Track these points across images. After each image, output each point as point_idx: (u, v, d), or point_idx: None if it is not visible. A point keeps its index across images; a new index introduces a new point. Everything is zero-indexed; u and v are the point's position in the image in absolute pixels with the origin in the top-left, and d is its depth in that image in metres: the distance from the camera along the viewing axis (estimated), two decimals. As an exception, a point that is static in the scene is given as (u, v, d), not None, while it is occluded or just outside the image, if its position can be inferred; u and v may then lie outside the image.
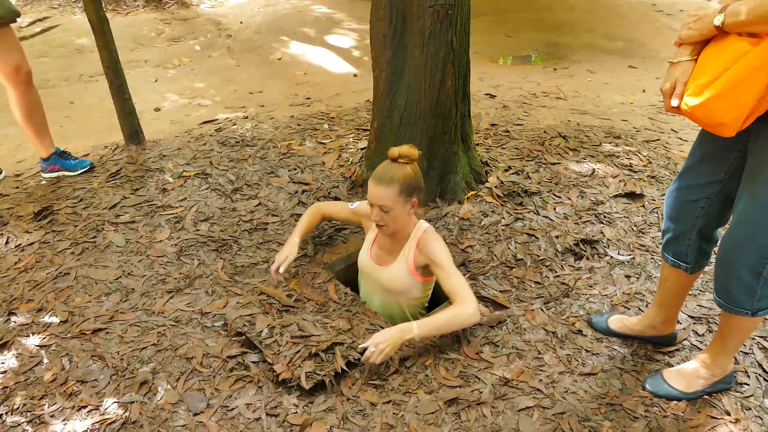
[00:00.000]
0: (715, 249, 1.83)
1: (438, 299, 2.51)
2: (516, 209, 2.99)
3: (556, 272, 2.59)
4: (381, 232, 2.33)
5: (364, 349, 2.03)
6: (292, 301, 2.35)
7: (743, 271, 1.67)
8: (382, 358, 2.01)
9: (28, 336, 2.25)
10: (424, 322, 2.10)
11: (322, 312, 2.31)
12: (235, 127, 4.06)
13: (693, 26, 1.55)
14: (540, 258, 2.66)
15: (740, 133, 1.54)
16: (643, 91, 4.98)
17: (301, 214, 2.97)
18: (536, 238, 2.78)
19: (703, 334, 2.23)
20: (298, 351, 2.07)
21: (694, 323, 2.29)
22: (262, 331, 2.17)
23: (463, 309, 2.10)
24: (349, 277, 2.73)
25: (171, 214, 2.98)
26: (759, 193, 1.59)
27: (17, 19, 2.98)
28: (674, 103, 1.55)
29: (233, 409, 1.96)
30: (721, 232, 1.89)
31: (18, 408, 1.96)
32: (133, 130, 3.64)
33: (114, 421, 1.91)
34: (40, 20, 6.79)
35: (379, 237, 2.45)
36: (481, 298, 2.45)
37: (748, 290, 1.69)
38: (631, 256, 2.65)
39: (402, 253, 2.34)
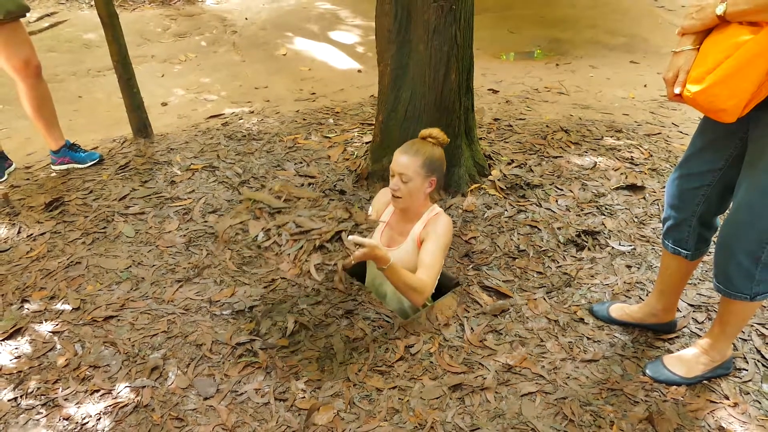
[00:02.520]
0: (715, 236, 1.87)
1: (443, 291, 2.55)
2: (519, 201, 3.03)
3: (558, 263, 2.63)
4: (395, 204, 2.37)
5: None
6: (281, 202, 2.15)
7: (742, 257, 1.71)
8: (352, 261, 1.97)
9: (41, 323, 2.30)
10: (398, 266, 2.08)
11: (316, 206, 2.14)
12: (241, 121, 4.10)
13: (695, 16, 1.59)
14: (542, 249, 2.70)
15: (740, 120, 1.58)
16: (645, 85, 5.01)
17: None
18: (539, 229, 2.82)
19: (702, 322, 2.27)
20: (302, 246, 1.93)
21: (693, 311, 2.33)
22: (257, 235, 2.01)
23: (423, 288, 2.14)
24: (355, 268, 2.76)
25: (179, 205, 3.03)
26: (759, 180, 1.63)
27: (26, 14, 3.03)
28: (677, 90, 1.59)
29: (242, 393, 2.00)
30: (721, 219, 1.93)
31: (32, 392, 2.01)
32: (141, 124, 3.69)
33: (126, 405, 1.96)
34: (48, 15, 6.84)
35: (392, 218, 2.48)
36: (484, 288, 2.49)
37: (746, 275, 1.73)
38: (632, 247, 2.69)
39: (411, 232, 2.38)
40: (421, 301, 2.18)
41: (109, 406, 1.95)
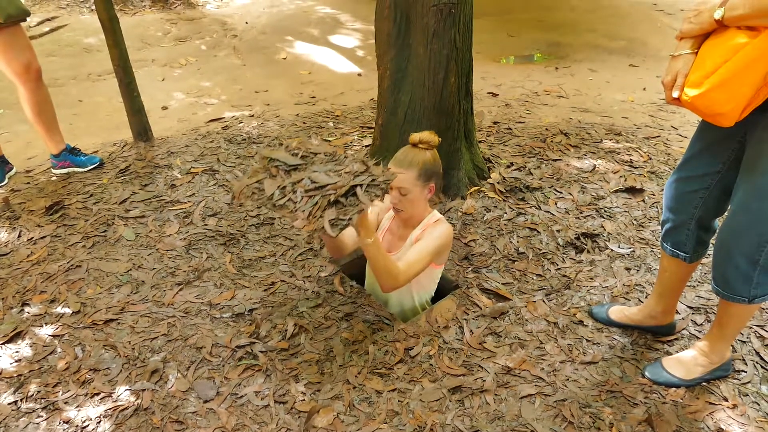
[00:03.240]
0: (714, 239, 1.87)
1: (442, 293, 2.56)
2: (518, 204, 3.04)
3: (557, 265, 2.63)
4: (398, 216, 2.36)
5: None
6: (298, 159, 2.09)
7: (740, 259, 1.71)
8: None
9: (42, 326, 2.31)
10: (380, 244, 2.04)
11: (333, 161, 2.08)
12: (241, 125, 4.12)
13: (693, 20, 1.60)
14: (542, 251, 2.71)
15: (738, 124, 1.59)
16: (644, 89, 5.02)
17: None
18: (538, 232, 2.83)
19: (701, 324, 2.27)
20: (316, 203, 1.87)
21: (692, 313, 2.33)
22: (273, 194, 1.96)
23: (396, 275, 2.07)
24: (354, 270, 2.78)
25: (179, 209, 3.03)
26: (756, 183, 1.64)
27: (27, 18, 3.04)
28: (675, 94, 1.60)
29: (242, 396, 2.01)
30: (719, 222, 1.93)
31: (32, 395, 2.01)
32: (141, 128, 3.70)
33: (126, 408, 1.96)
34: (48, 20, 6.86)
35: (393, 223, 2.47)
36: (483, 290, 2.50)
37: (745, 278, 1.73)
38: (631, 249, 2.70)
39: (409, 237, 2.37)
40: (389, 288, 2.11)
41: (109, 409, 1.96)
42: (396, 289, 2.15)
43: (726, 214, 1.81)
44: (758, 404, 1.94)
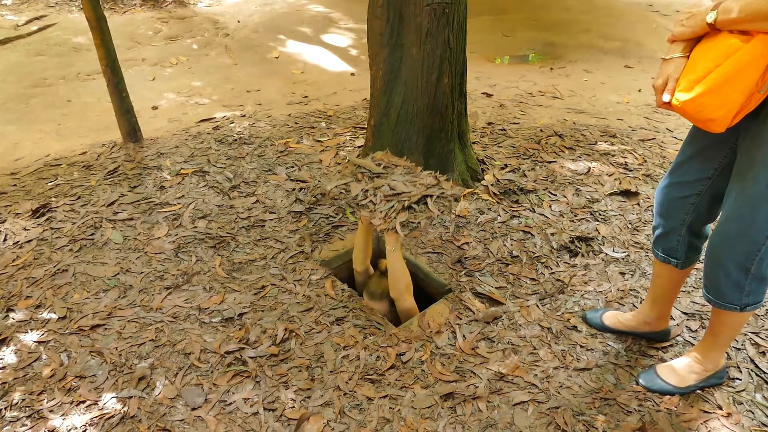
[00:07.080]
0: (705, 245, 1.85)
1: (435, 297, 2.53)
2: (512, 207, 3.01)
3: (551, 269, 2.61)
4: None
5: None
6: (381, 168, 2.44)
7: (732, 267, 1.69)
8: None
9: (27, 332, 2.27)
10: (400, 255, 2.33)
11: (410, 173, 2.43)
12: (232, 125, 4.07)
13: (686, 23, 1.57)
14: (535, 255, 2.68)
15: (730, 130, 1.56)
16: (639, 90, 5.01)
17: (299, 212, 3.00)
18: (532, 235, 2.80)
19: (696, 330, 2.25)
20: (392, 206, 2.20)
21: (687, 319, 2.31)
22: (357, 195, 2.30)
23: (406, 287, 2.37)
24: (347, 274, 2.75)
25: (169, 211, 2.99)
26: (747, 190, 1.61)
27: None
28: (665, 98, 1.56)
29: (231, 403, 1.97)
30: (711, 228, 1.91)
31: (17, 403, 1.97)
32: (131, 128, 3.65)
33: (113, 416, 1.92)
34: (36, 18, 6.77)
35: None
36: (477, 295, 2.47)
37: (736, 286, 1.71)
38: (626, 254, 2.68)
39: None
40: (397, 294, 2.36)
41: (95, 417, 1.92)
42: (399, 300, 2.39)
43: (717, 221, 1.79)
44: (753, 413, 1.92)
